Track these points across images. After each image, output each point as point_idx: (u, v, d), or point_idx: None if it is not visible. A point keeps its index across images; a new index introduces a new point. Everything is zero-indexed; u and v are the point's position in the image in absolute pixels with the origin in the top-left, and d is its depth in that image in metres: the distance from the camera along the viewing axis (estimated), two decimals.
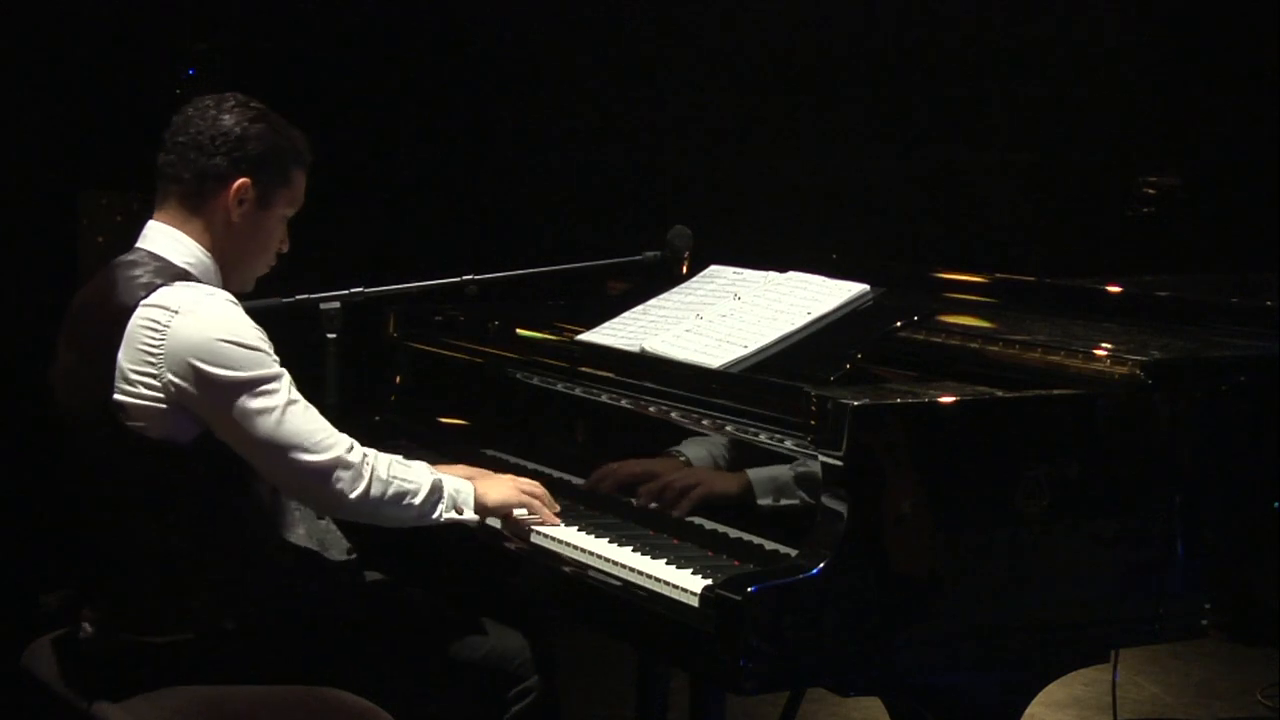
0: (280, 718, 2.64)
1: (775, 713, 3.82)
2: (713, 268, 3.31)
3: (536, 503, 2.88)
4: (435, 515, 2.77)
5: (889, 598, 2.43)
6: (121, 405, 2.61)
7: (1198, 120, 6.09)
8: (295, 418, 2.63)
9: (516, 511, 2.91)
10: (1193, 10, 6.10)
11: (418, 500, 2.74)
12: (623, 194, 5.93)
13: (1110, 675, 3.55)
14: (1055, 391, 2.65)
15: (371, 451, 2.71)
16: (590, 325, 3.21)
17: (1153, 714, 4.63)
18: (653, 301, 3.24)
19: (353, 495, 2.66)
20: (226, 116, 2.73)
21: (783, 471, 2.75)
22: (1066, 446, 2.57)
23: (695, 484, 2.88)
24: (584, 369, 3.07)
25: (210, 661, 2.68)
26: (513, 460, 3.26)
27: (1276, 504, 2.79)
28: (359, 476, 2.66)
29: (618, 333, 3.14)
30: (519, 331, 3.38)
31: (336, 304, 3.11)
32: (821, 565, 2.37)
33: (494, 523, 2.94)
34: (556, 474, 3.17)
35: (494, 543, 2.92)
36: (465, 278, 3.29)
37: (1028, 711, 2.63)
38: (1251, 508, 2.78)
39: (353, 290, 3.14)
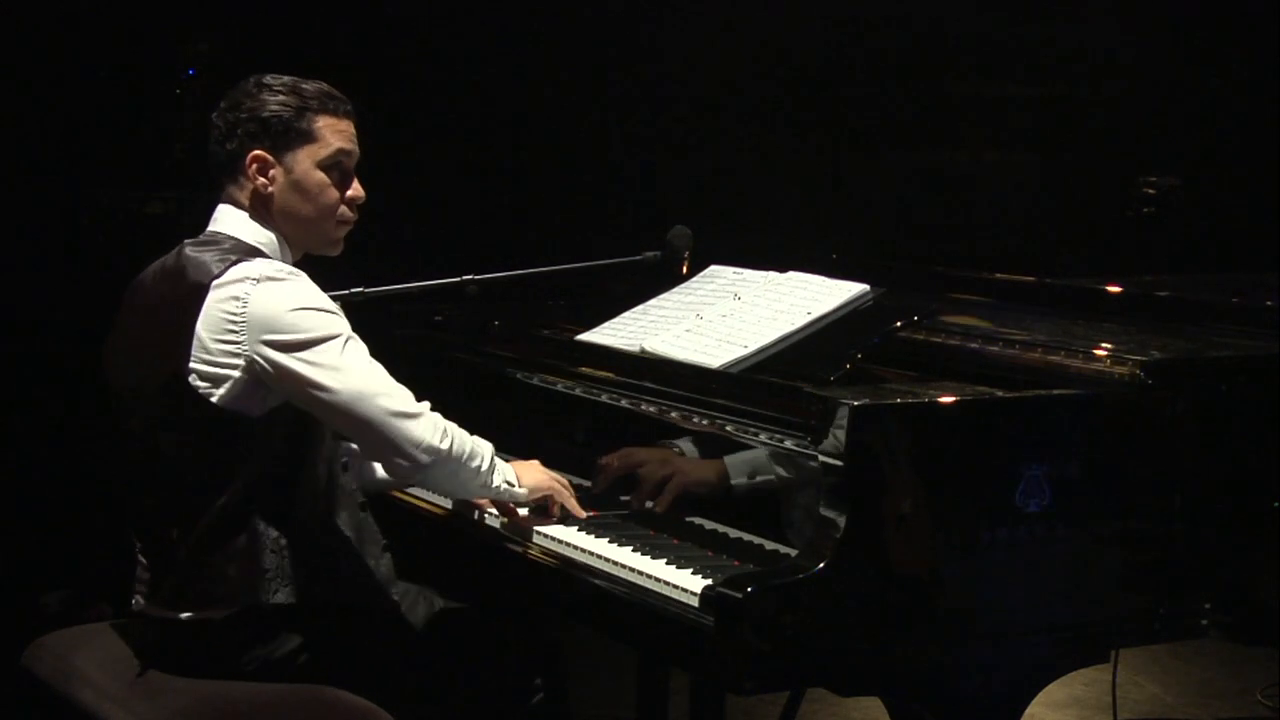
0: (280, 717, 2.64)
1: (775, 713, 3.83)
2: (713, 268, 3.30)
3: (564, 491, 2.90)
4: (495, 485, 2.80)
5: (889, 597, 2.43)
6: (198, 374, 2.63)
7: (1198, 120, 6.10)
8: (378, 369, 2.67)
9: (521, 512, 2.91)
10: (1193, 11, 6.11)
11: (483, 466, 2.76)
12: (623, 194, 5.93)
13: (1110, 675, 3.55)
14: (1055, 391, 2.65)
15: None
16: (590, 325, 3.21)
17: (1153, 714, 4.63)
18: (653, 301, 3.24)
19: (437, 442, 2.66)
20: (227, 101, 2.79)
21: (757, 452, 2.74)
22: (1066, 446, 2.57)
23: (672, 475, 2.92)
24: (584, 369, 3.07)
25: (221, 650, 2.68)
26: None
27: (1276, 504, 2.79)
28: (437, 426, 2.67)
29: (618, 333, 3.14)
30: (519, 332, 3.38)
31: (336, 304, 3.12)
32: (821, 565, 2.37)
33: (494, 523, 2.95)
34: None
35: (496, 543, 2.92)
36: (465, 278, 3.29)
37: (1028, 711, 2.62)
38: (1251, 508, 2.77)
39: (353, 290, 3.14)
